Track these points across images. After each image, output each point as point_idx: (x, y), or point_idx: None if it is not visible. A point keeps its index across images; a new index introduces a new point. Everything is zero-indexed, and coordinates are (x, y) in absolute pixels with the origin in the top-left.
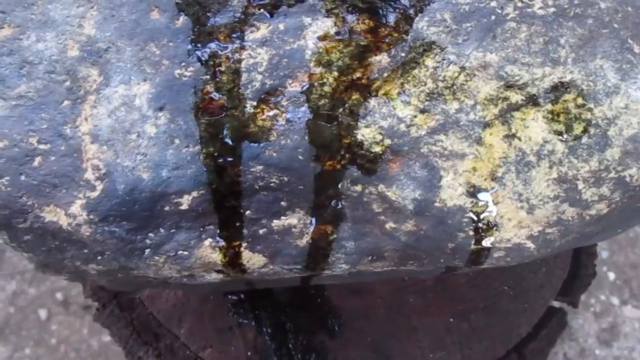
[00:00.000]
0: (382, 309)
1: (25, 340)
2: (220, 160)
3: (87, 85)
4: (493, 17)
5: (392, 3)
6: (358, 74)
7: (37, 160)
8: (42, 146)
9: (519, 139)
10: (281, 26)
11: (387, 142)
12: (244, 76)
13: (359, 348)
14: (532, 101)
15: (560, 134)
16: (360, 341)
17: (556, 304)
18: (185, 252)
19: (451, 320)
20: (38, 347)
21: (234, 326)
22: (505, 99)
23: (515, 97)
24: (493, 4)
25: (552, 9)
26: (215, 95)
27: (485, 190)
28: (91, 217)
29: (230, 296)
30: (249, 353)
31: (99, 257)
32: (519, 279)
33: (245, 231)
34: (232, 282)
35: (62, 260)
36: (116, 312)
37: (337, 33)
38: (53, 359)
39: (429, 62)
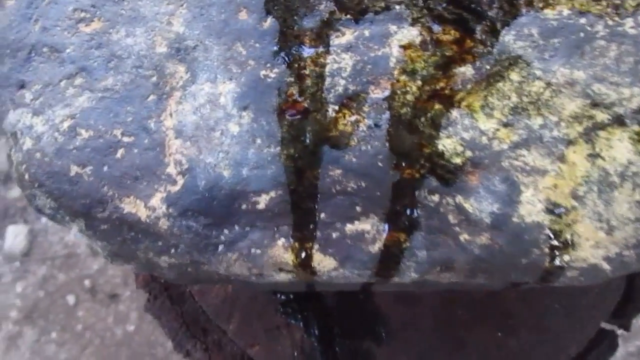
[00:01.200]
0: (430, 320)
1: (52, 325)
2: (300, 163)
3: (174, 81)
4: (582, 34)
5: (479, 15)
6: (441, 84)
7: (120, 152)
8: (126, 139)
9: (603, 158)
10: (366, 32)
11: (468, 153)
12: (328, 80)
13: (405, 358)
14: (619, 121)
15: None
16: (407, 351)
17: (607, 325)
18: (258, 251)
19: (499, 335)
20: (64, 332)
21: (282, 326)
22: (591, 117)
23: (601, 116)
24: (582, 21)
25: None
26: (299, 98)
27: (565, 208)
28: (170, 210)
29: (279, 296)
30: (296, 353)
31: (173, 250)
32: (570, 297)
33: (318, 233)
34: (296, 283)
35: (135, 251)
36: (167, 304)
37: (423, 42)
38: (78, 344)
39: (514, 76)
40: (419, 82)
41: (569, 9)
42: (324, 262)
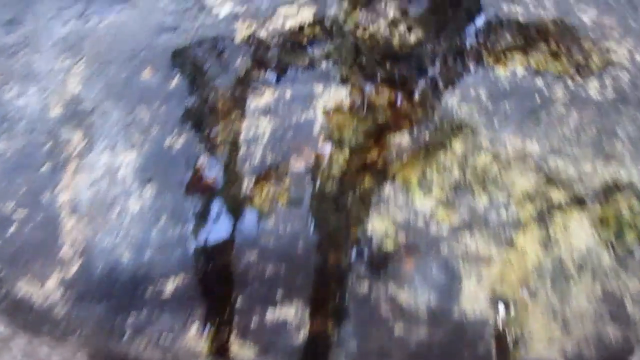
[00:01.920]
0: None
1: None
2: (211, 243)
3: (69, 149)
4: (538, 99)
5: (419, 72)
6: (373, 155)
7: (13, 228)
8: (18, 213)
9: (558, 245)
10: (288, 93)
11: (402, 237)
12: (243, 149)
13: None
14: (578, 201)
15: (608, 242)
16: None
17: None
18: (170, 337)
19: None
20: None
21: None
22: (545, 196)
23: (558, 195)
24: (539, 82)
25: (610, 94)
26: (209, 170)
27: (513, 301)
28: (67, 294)
29: None
30: None
31: (77, 334)
32: None
33: (235, 320)
34: None
35: (39, 330)
36: None
37: (352, 106)
38: None
39: (458, 146)
40: (347, 152)
41: (524, 67)
42: (242, 351)
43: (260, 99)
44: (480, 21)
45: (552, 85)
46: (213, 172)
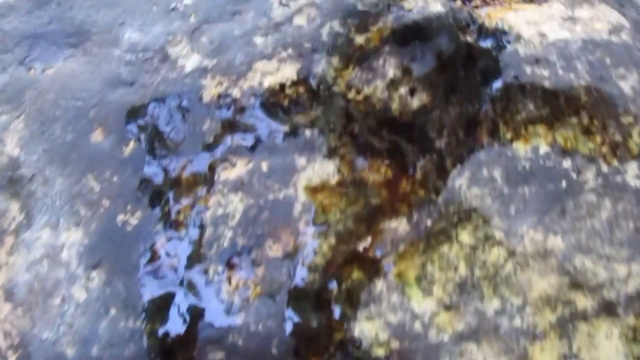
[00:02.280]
0: None
1: None
2: (169, 341)
3: (5, 223)
4: (564, 184)
5: (422, 145)
6: (364, 244)
7: None
8: None
9: None
10: (264, 166)
11: (394, 344)
12: (209, 230)
13: None
14: (608, 310)
15: None
16: None
17: None
18: None
19: None
20: None
21: None
22: (569, 302)
23: (584, 302)
24: (566, 164)
25: None
26: (170, 253)
27: None
28: None
29: None
30: None
31: None
32: None
33: None
34: None
35: None
36: None
37: (341, 183)
38: None
39: (465, 237)
40: (333, 240)
41: (549, 144)
42: None
43: (231, 171)
44: (497, 85)
45: (582, 168)
46: (174, 256)
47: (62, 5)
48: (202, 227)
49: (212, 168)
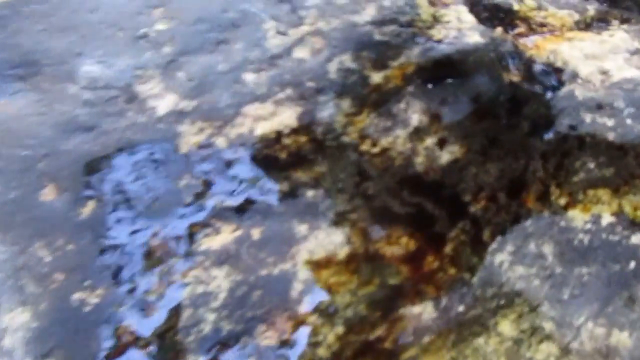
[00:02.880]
0: None
1: None
2: None
3: None
4: (632, 265)
5: (454, 210)
6: (379, 333)
7: None
8: None
9: None
10: (255, 233)
11: None
12: (187, 313)
13: None
14: None
15: None
16: None
17: None
18: None
19: None
20: None
21: None
22: None
23: None
24: (636, 239)
25: None
26: (138, 340)
27: None
28: None
29: None
30: None
31: None
32: None
33: None
34: None
35: None
36: None
37: (351, 257)
38: None
39: (507, 328)
40: (341, 328)
41: (613, 213)
42: None
43: (215, 240)
44: (549, 137)
45: None
46: (143, 345)
47: (7, 28)
48: (178, 309)
49: (191, 235)
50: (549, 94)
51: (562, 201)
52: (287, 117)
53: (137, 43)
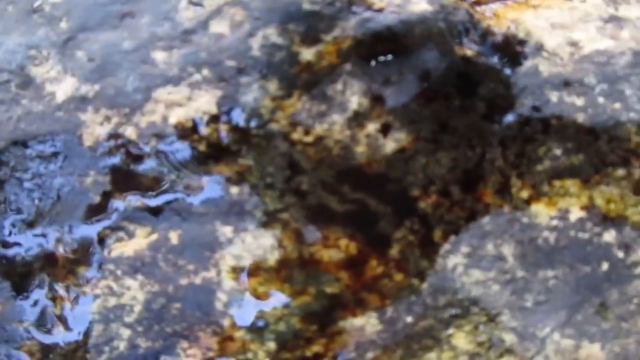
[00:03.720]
0: None
1: None
2: None
3: None
4: (605, 266)
5: (401, 207)
6: (316, 349)
7: None
8: None
9: None
10: (173, 237)
11: None
12: (98, 329)
13: None
14: None
15: None
16: None
17: None
18: None
19: None
20: None
21: None
22: None
23: None
24: (608, 237)
25: None
26: (43, 359)
27: None
28: None
29: None
30: None
31: None
32: None
33: None
34: None
35: None
36: None
37: (283, 263)
38: None
39: (461, 341)
40: (272, 344)
41: (583, 207)
42: None
43: (127, 246)
44: (509, 120)
45: (631, 243)
46: None
47: None
48: (87, 325)
49: (100, 240)
50: (508, 71)
51: (524, 194)
52: (205, 102)
53: (29, 18)
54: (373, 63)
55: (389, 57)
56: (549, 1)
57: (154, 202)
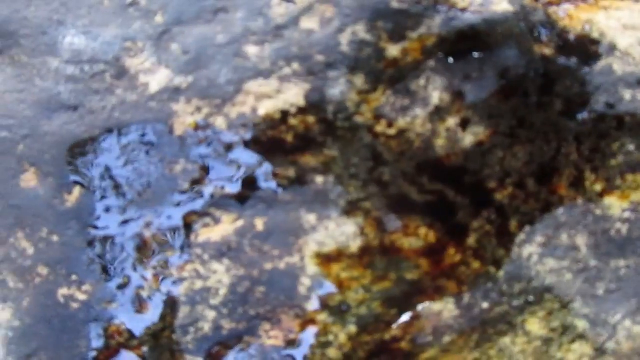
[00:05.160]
0: None
1: None
2: None
3: None
4: None
5: (478, 198)
6: (395, 333)
7: None
8: None
9: None
10: (259, 224)
11: None
12: (185, 310)
13: None
14: None
15: None
16: None
17: None
18: None
19: None
20: None
21: None
22: None
23: None
24: None
25: None
26: (130, 340)
27: None
28: None
29: None
30: None
31: None
32: None
33: None
34: None
35: None
36: None
37: (365, 250)
38: None
39: (535, 326)
40: (353, 327)
41: None
42: None
43: (214, 231)
44: (584, 116)
45: None
46: (136, 345)
47: None
48: (174, 306)
49: (187, 226)
50: (584, 69)
51: (598, 187)
52: (293, 95)
53: (125, 11)
54: (455, 60)
55: (471, 54)
56: (618, 3)
57: (240, 190)
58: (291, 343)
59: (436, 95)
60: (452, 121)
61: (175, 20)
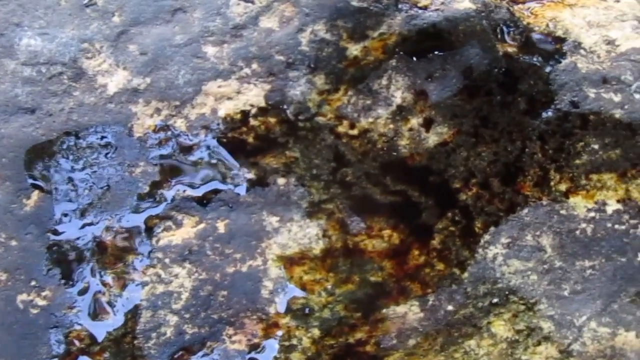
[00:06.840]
0: None
1: None
2: None
3: None
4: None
5: (442, 199)
6: (360, 335)
7: None
8: None
9: None
10: (221, 226)
11: None
12: (146, 315)
13: None
14: None
15: None
16: None
17: None
18: None
19: None
20: None
21: None
22: None
23: None
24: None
25: None
26: (89, 349)
27: None
28: None
29: None
30: None
31: None
32: None
33: None
34: None
35: None
36: None
37: (328, 252)
38: None
39: (501, 329)
40: (317, 330)
41: (620, 200)
42: None
43: (175, 235)
44: (548, 115)
45: None
46: (96, 352)
47: None
48: (135, 311)
49: (148, 229)
50: (548, 68)
51: (563, 187)
52: (254, 95)
53: (82, 12)
54: (417, 59)
55: (433, 53)
56: (584, 0)
57: (201, 193)
58: (255, 347)
59: (399, 95)
60: (415, 121)
61: (132, 20)
